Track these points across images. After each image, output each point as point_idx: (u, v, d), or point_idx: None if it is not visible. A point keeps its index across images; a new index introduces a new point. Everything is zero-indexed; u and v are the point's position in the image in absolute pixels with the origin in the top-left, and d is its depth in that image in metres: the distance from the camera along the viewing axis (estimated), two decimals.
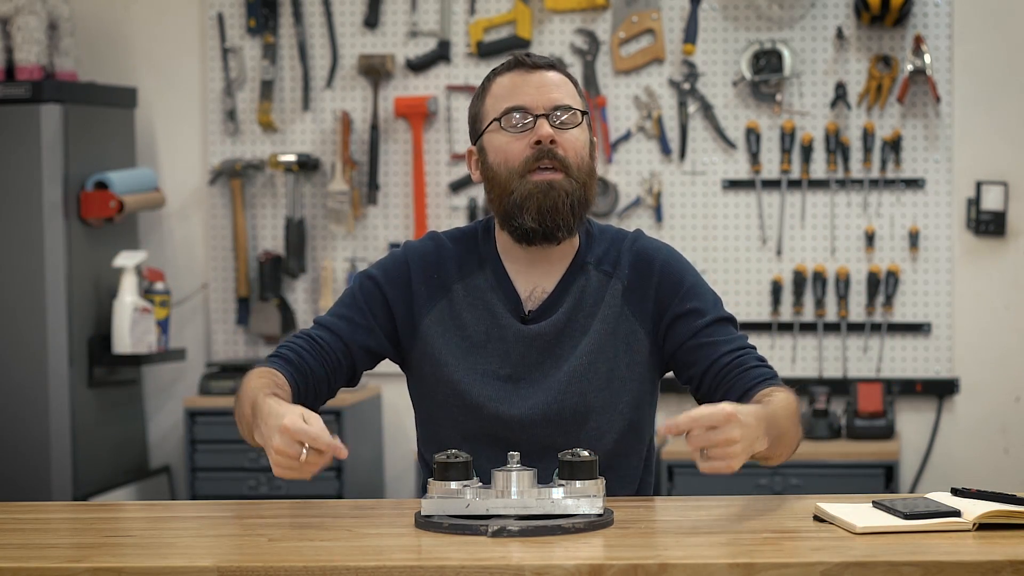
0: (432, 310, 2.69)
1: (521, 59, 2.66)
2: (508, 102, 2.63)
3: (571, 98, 2.65)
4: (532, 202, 2.60)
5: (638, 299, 2.68)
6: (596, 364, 2.65)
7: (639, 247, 2.71)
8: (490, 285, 2.69)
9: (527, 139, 2.61)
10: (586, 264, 2.70)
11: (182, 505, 2.68)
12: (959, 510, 2.24)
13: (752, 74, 5.14)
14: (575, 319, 2.67)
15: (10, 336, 4.93)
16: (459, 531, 2.25)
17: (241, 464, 5.09)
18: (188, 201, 5.46)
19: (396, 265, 2.72)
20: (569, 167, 2.61)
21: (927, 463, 5.14)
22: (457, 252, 2.72)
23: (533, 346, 2.66)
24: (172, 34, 5.44)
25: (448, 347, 2.67)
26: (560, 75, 2.66)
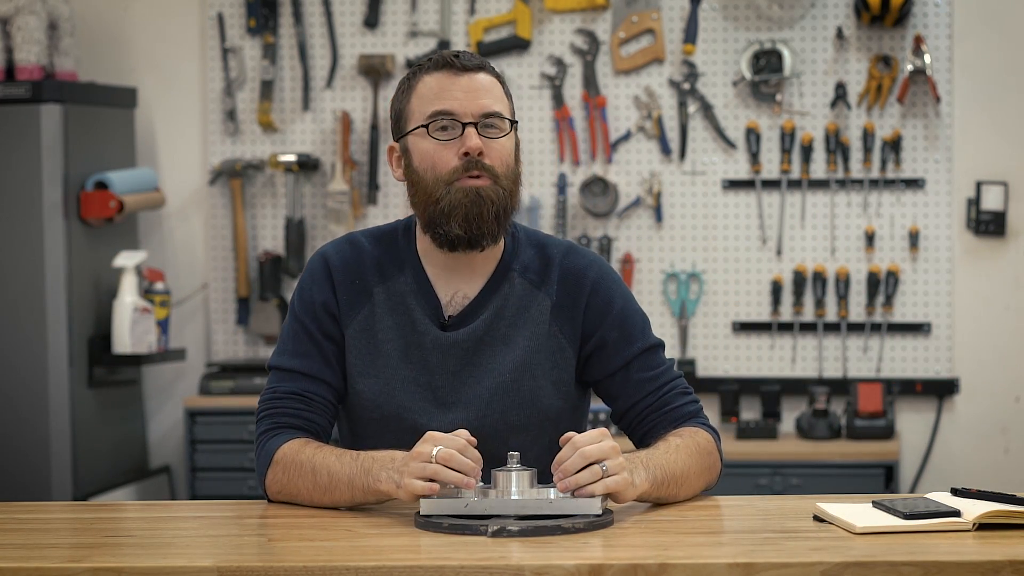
0: (355, 319, 2.65)
1: (450, 60, 2.58)
2: (435, 105, 2.57)
3: (500, 103, 2.59)
4: (459, 210, 2.55)
5: (567, 317, 2.64)
6: (520, 381, 2.62)
7: (569, 263, 2.67)
8: (411, 289, 2.64)
9: (455, 148, 2.56)
10: (511, 271, 2.65)
11: (182, 505, 2.68)
12: (959, 510, 2.24)
13: (752, 74, 5.14)
14: (496, 327, 2.63)
15: (10, 336, 4.93)
16: (459, 531, 2.25)
17: (241, 464, 5.09)
18: (188, 201, 5.46)
19: (324, 277, 2.66)
20: (497, 176, 2.57)
21: (927, 463, 5.14)
22: (376, 254, 2.67)
23: (451, 354, 2.62)
24: (172, 34, 5.44)
25: (366, 356, 2.63)
26: (490, 77, 2.60)
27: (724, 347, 5.21)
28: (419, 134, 2.59)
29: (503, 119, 2.59)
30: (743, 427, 5.04)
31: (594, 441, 2.34)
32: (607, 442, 2.35)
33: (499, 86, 2.62)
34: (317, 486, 2.49)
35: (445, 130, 2.57)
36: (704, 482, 2.57)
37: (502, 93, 2.62)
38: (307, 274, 2.68)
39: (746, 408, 5.18)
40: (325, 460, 2.49)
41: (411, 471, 2.34)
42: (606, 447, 2.34)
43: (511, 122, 2.61)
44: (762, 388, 5.14)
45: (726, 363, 5.21)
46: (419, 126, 2.58)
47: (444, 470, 2.31)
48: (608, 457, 2.33)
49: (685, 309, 5.22)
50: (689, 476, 2.50)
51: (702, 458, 2.55)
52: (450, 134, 2.57)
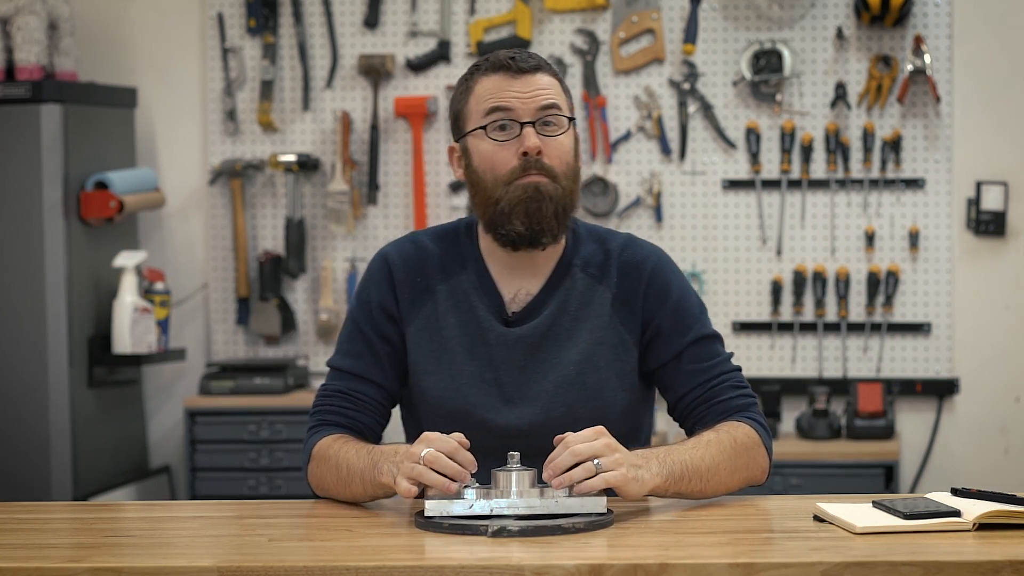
0: (418, 316, 2.66)
1: (507, 61, 2.59)
2: (493, 103, 2.58)
3: (559, 100, 2.61)
4: (520, 208, 2.56)
5: (628, 309, 2.65)
6: (585, 374, 2.63)
7: (628, 255, 2.68)
8: (473, 287, 2.66)
9: (513, 148, 2.57)
10: (572, 266, 2.67)
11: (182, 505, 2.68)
12: (959, 510, 2.24)
13: (752, 74, 5.14)
14: (559, 322, 2.64)
15: (10, 336, 4.93)
16: (459, 531, 2.25)
17: (241, 464, 5.09)
18: (188, 201, 5.46)
19: (383, 277, 2.68)
20: (556, 175, 2.58)
21: (927, 463, 5.14)
22: (439, 252, 2.69)
23: (516, 349, 2.63)
24: (172, 34, 5.44)
25: (431, 353, 2.65)
26: (547, 77, 2.61)
27: None
28: (478, 135, 2.60)
29: (561, 116, 2.60)
30: None
31: (587, 439, 2.34)
32: (601, 440, 2.35)
33: (557, 84, 2.62)
34: (340, 480, 2.53)
35: (503, 130, 2.58)
36: (741, 479, 2.54)
37: (560, 91, 2.62)
38: (366, 275, 2.71)
39: None
40: (347, 454, 2.52)
41: (403, 471, 2.35)
42: (598, 445, 2.33)
43: (569, 119, 2.61)
44: (762, 388, 5.14)
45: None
46: (477, 127, 2.59)
47: (427, 472, 2.31)
48: (601, 454, 2.33)
49: None
50: (718, 472, 2.48)
51: (737, 454, 2.52)
52: (508, 134, 2.58)
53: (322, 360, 5.37)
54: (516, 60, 2.59)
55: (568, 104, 2.64)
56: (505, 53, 2.62)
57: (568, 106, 2.64)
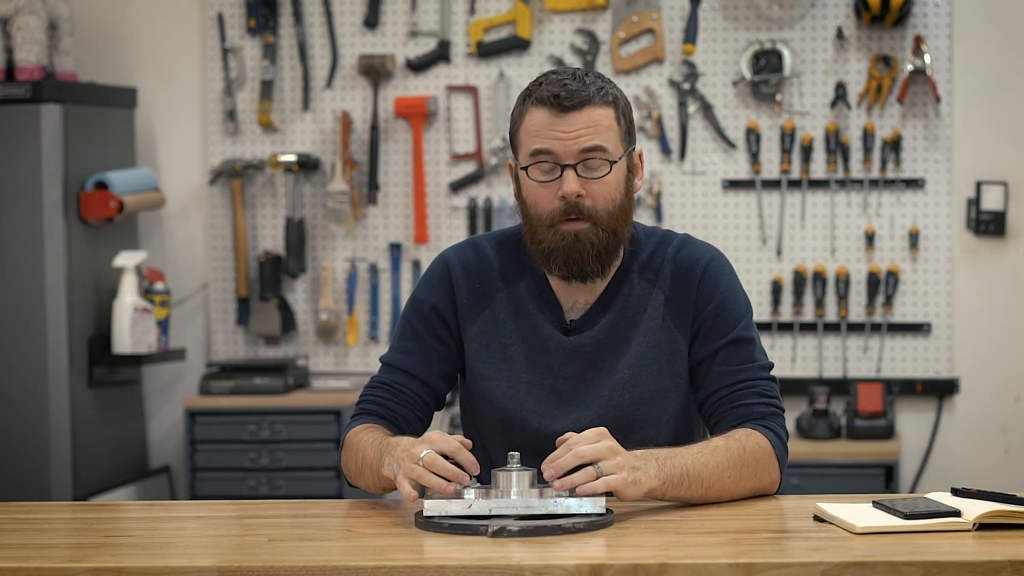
0: (476, 322, 2.68)
1: (552, 100, 2.56)
2: (537, 143, 2.57)
3: (607, 136, 2.57)
4: (559, 253, 2.58)
5: (679, 309, 2.65)
6: (639, 378, 2.63)
7: (683, 255, 2.68)
8: (532, 294, 2.67)
9: (555, 190, 2.57)
10: (630, 272, 2.67)
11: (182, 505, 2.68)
12: (959, 510, 2.24)
13: (752, 74, 5.14)
14: (617, 330, 2.65)
15: (10, 336, 4.93)
16: (459, 531, 2.25)
17: (241, 464, 5.09)
18: (188, 201, 5.46)
19: (441, 280, 2.70)
20: (597, 217, 2.57)
21: (927, 463, 5.14)
22: (499, 258, 2.70)
23: (574, 358, 2.64)
24: (172, 34, 5.44)
25: (491, 359, 2.67)
26: (599, 110, 2.57)
27: None
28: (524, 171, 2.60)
29: (605, 159, 2.57)
30: None
31: (590, 441, 2.34)
32: (604, 442, 2.34)
33: (609, 114, 2.58)
34: (356, 469, 2.56)
35: (547, 171, 2.57)
36: (747, 488, 2.51)
37: (611, 122, 2.58)
38: (426, 276, 2.73)
39: None
40: (365, 444, 2.55)
41: (403, 470, 2.37)
42: (601, 447, 2.33)
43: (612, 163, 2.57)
44: None
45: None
46: (523, 167, 2.60)
47: (426, 474, 2.33)
48: (603, 457, 2.32)
49: None
50: (721, 479, 2.46)
51: (744, 463, 2.49)
52: (550, 175, 2.57)
53: (322, 360, 5.37)
54: (562, 98, 2.56)
55: (621, 133, 2.60)
56: (557, 85, 2.57)
57: (621, 135, 2.59)
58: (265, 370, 5.19)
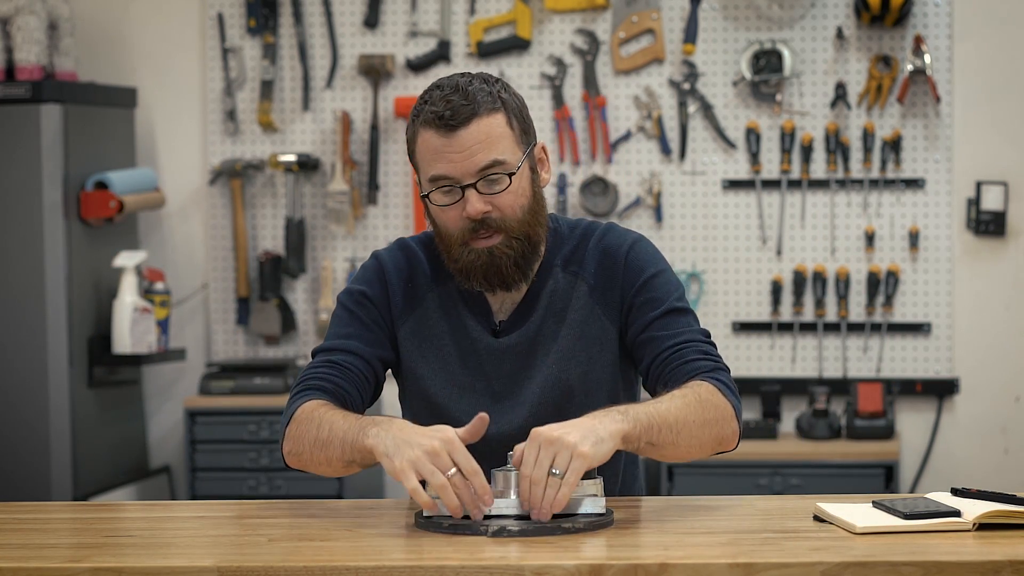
0: (408, 320, 2.66)
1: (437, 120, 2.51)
2: (434, 170, 2.53)
3: (501, 146, 2.53)
4: (476, 271, 2.57)
5: (605, 296, 2.64)
6: (567, 371, 2.62)
7: (606, 243, 2.66)
8: (461, 295, 2.66)
9: (460, 210, 2.54)
10: (553, 266, 2.66)
11: (182, 505, 2.68)
12: (959, 510, 2.24)
13: (752, 74, 5.14)
14: (545, 326, 2.64)
15: (10, 336, 4.93)
16: (459, 531, 2.25)
17: (241, 464, 5.09)
18: (188, 201, 5.46)
19: (374, 274, 2.68)
20: (508, 227, 2.55)
21: (927, 463, 5.14)
22: (428, 259, 2.68)
23: (505, 359, 2.63)
24: (172, 34, 5.44)
25: (424, 359, 2.65)
26: (486, 120, 2.52)
27: (724, 347, 5.21)
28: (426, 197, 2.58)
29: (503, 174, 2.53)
30: (743, 427, 5.03)
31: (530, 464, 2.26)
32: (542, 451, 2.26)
33: (500, 123, 2.54)
34: (318, 441, 2.45)
35: (448, 193, 2.55)
36: (712, 435, 2.47)
37: (504, 129, 2.54)
38: (359, 273, 2.70)
39: (746, 408, 5.18)
40: (333, 416, 2.47)
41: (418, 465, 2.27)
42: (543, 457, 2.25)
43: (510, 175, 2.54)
44: (762, 388, 5.14)
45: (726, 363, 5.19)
46: (425, 194, 2.58)
47: (451, 495, 2.25)
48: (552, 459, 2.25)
49: None
50: (688, 424, 2.41)
51: (704, 408, 2.45)
52: (452, 197, 2.54)
53: None
54: (447, 118, 2.51)
55: (517, 136, 2.55)
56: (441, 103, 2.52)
57: (517, 139, 2.55)
58: (265, 370, 5.19)
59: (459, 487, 2.25)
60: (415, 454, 2.28)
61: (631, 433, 2.33)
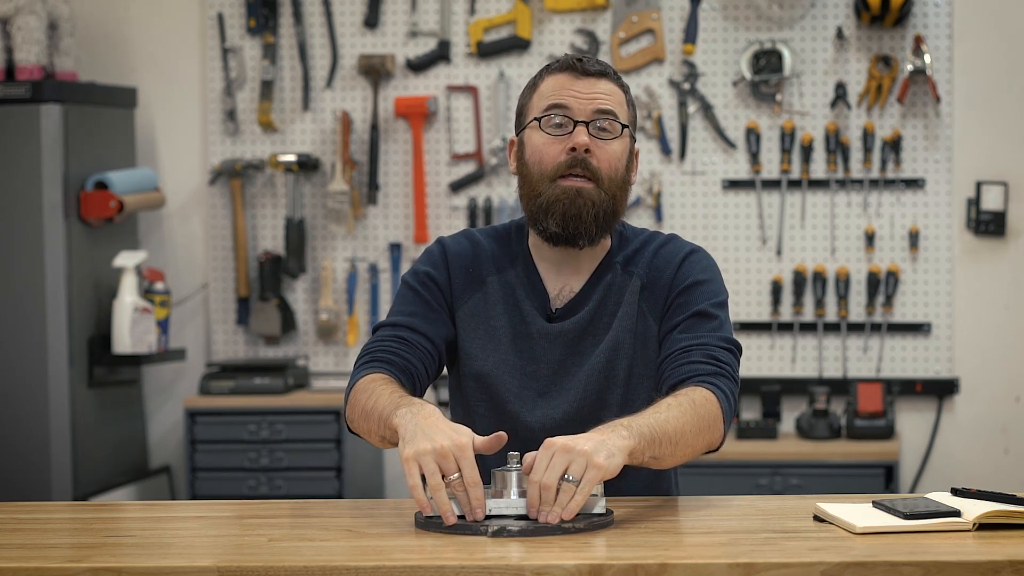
0: (467, 302, 2.72)
1: (573, 63, 2.65)
2: (554, 99, 2.64)
3: (618, 108, 2.65)
4: (558, 207, 2.61)
5: (653, 295, 2.69)
6: (614, 362, 2.66)
7: (666, 248, 2.71)
8: (521, 282, 2.71)
9: (564, 144, 2.61)
10: (614, 264, 2.71)
11: (182, 505, 2.68)
12: (959, 510, 2.24)
13: (752, 74, 5.14)
14: (598, 317, 2.69)
15: (10, 336, 4.93)
16: (459, 531, 2.25)
17: (241, 464, 5.09)
18: (188, 201, 5.46)
19: (437, 257, 2.74)
20: (601, 179, 2.62)
21: (927, 463, 5.14)
22: (492, 248, 2.75)
23: (556, 344, 2.68)
24: (172, 34, 5.44)
25: (479, 340, 2.70)
26: (611, 84, 2.66)
27: None
28: (533, 127, 2.66)
29: (617, 123, 2.64)
30: (743, 427, 5.04)
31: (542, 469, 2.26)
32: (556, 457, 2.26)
33: (620, 93, 2.67)
34: (364, 412, 2.51)
35: (559, 126, 2.63)
36: (703, 441, 2.49)
37: (622, 100, 2.66)
38: (424, 256, 2.76)
39: (746, 408, 5.18)
40: (381, 391, 2.51)
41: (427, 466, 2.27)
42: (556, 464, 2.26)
43: (624, 126, 2.65)
44: (762, 388, 5.14)
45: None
46: (534, 119, 2.65)
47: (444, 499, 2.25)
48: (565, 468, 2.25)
49: None
50: (685, 434, 2.43)
51: (699, 417, 2.47)
52: (562, 130, 2.63)
53: (322, 360, 5.37)
54: (583, 62, 2.65)
55: (629, 115, 2.67)
56: (575, 55, 2.68)
57: (629, 116, 2.67)
58: (265, 370, 5.19)
59: (456, 493, 2.26)
60: (425, 448, 2.29)
61: (636, 449, 2.35)
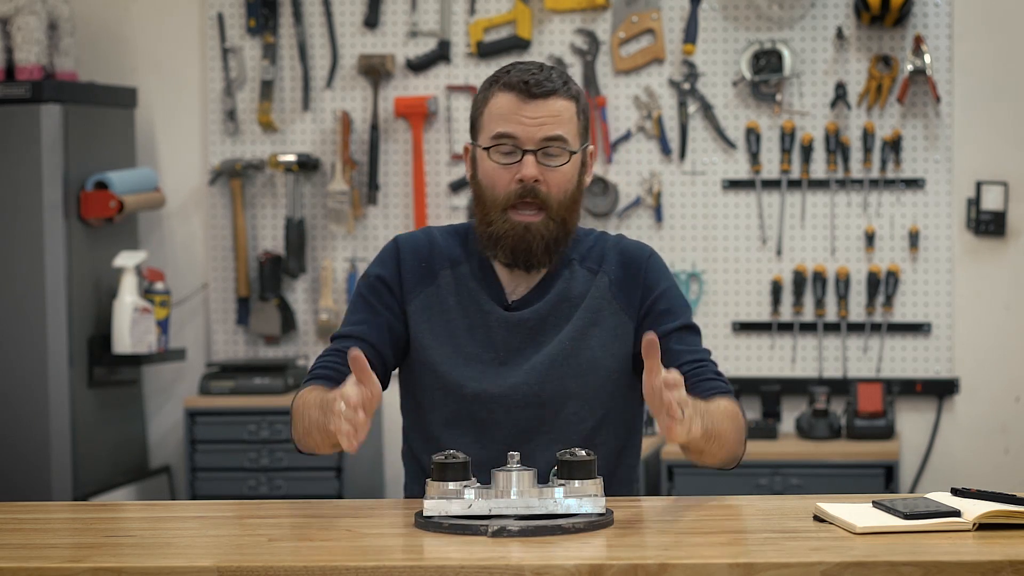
0: (419, 296, 2.75)
1: (523, 84, 2.66)
2: (501, 127, 2.66)
3: (567, 127, 2.67)
4: (507, 241, 2.67)
5: (626, 292, 2.74)
6: (579, 351, 2.70)
7: (624, 245, 2.79)
8: (475, 275, 2.75)
9: (513, 173, 2.66)
10: (571, 261, 2.75)
11: (182, 505, 2.68)
12: (959, 510, 2.24)
13: (752, 74, 5.14)
14: (559, 308, 2.72)
15: (10, 336, 4.93)
16: (459, 531, 2.25)
17: (241, 464, 5.09)
18: (188, 201, 5.46)
19: (388, 255, 2.79)
20: (550, 206, 2.67)
21: (927, 463, 5.14)
22: (447, 244, 2.78)
23: (516, 332, 2.71)
24: (172, 34, 5.44)
25: (432, 331, 2.73)
26: (563, 102, 2.67)
27: (724, 347, 5.21)
28: (484, 152, 2.69)
29: (564, 148, 2.67)
30: None
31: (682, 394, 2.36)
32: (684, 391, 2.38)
33: (571, 107, 2.68)
34: (304, 429, 2.60)
35: (507, 155, 2.66)
36: (734, 453, 2.63)
37: (573, 114, 2.68)
38: (376, 257, 2.82)
39: (746, 408, 5.18)
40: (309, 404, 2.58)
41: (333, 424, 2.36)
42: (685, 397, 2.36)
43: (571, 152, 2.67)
44: (762, 388, 5.15)
45: (726, 363, 5.20)
46: (485, 147, 2.68)
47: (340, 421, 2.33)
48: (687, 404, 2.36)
49: None
50: (728, 439, 2.57)
51: (738, 429, 2.62)
52: (510, 159, 2.67)
53: None
54: (530, 84, 2.65)
55: (579, 128, 2.70)
56: (525, 73, 2.68)
57: (579, 130, 2.70)
58: (265, 370, 5.19)
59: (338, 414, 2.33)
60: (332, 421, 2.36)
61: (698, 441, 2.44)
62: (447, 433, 2.68)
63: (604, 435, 2.69)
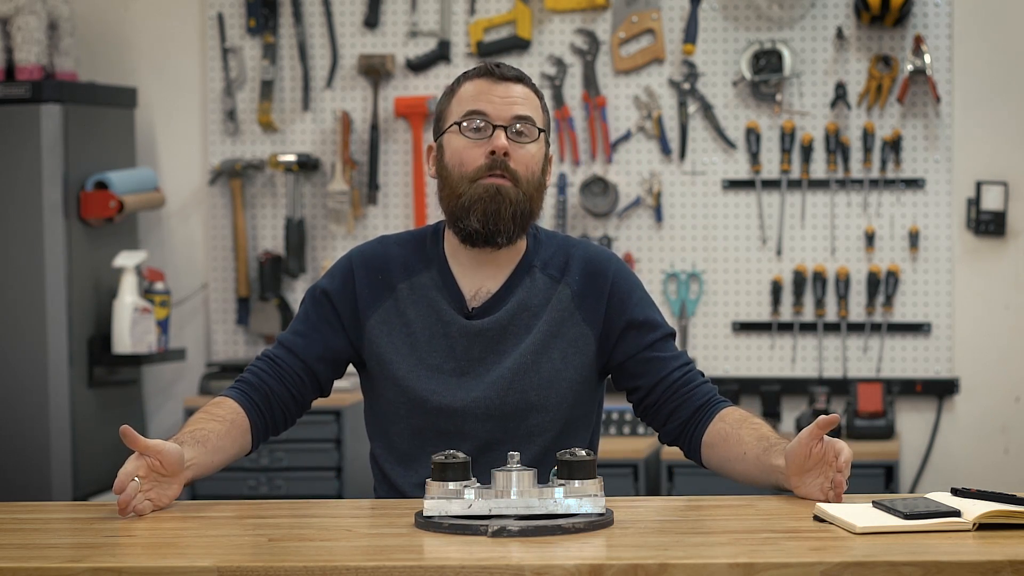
0: (377, 310, 2.76)
1: (491, 68, 2.74)
2: (471, 106, 2.71)
3: (533, 112, 2.73)
4: (479, 205, 2.68)
5: (590, 304, 2.75)
6: (540, 363, 2.72)
7: (589, 254, 2.80)
8: (435, 284, 2.76)
9: (483, 148, 2.69)
10: (532, 267, 2.77)
11: (182, 505, 2.68)
12: (959, 510, 2.24)
13: (752, 74, 5.14)
14: (520, 317, 2.74)
15: (10, 336, 4.93)
16: (459, 531, 2.25)
17: (241, 464, 5.08)
18: (188, 201, 5.46)
19: (341, 271, 2.81)
20: (519, 180, 2.70)
21: (927, 463, 5.14)
22: (403, 253, 2.80)
23: (477, 341, 2.72)
24: (172, 34, 5.44)
25: (393, 345, 2.74)
26: (527, 89, 2.74)
27: (724, 347, 5.21)
28: (453, 131, 2.72)
29: (534, 127, 2.72)
30: None
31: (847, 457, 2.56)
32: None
33: (535, 98, 2.75)
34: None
35: (477, 130, 2.70)
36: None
37: (538, 105, 2.75)
38: (329, 270, 2.85)
39: (746, 408, 5.15)
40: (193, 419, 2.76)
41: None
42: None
43: (540, 131, 2.73)
44: (762, 388, 5.14)
45: (726, 363, 5.21)
46: (454, 123, 2.71)
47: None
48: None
49: (685, 309, 5.22)
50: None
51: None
52: (481, 134, 2.70)
53: None
54: (500, 67, 2.74)
55: (543, 119, 2.76)
56: (491, 62, 2.77)
57: (543, 120, 2.75)
58: None
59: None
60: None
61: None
62: (411, 443, 2.72)
63: (567, 442, 2.71)
